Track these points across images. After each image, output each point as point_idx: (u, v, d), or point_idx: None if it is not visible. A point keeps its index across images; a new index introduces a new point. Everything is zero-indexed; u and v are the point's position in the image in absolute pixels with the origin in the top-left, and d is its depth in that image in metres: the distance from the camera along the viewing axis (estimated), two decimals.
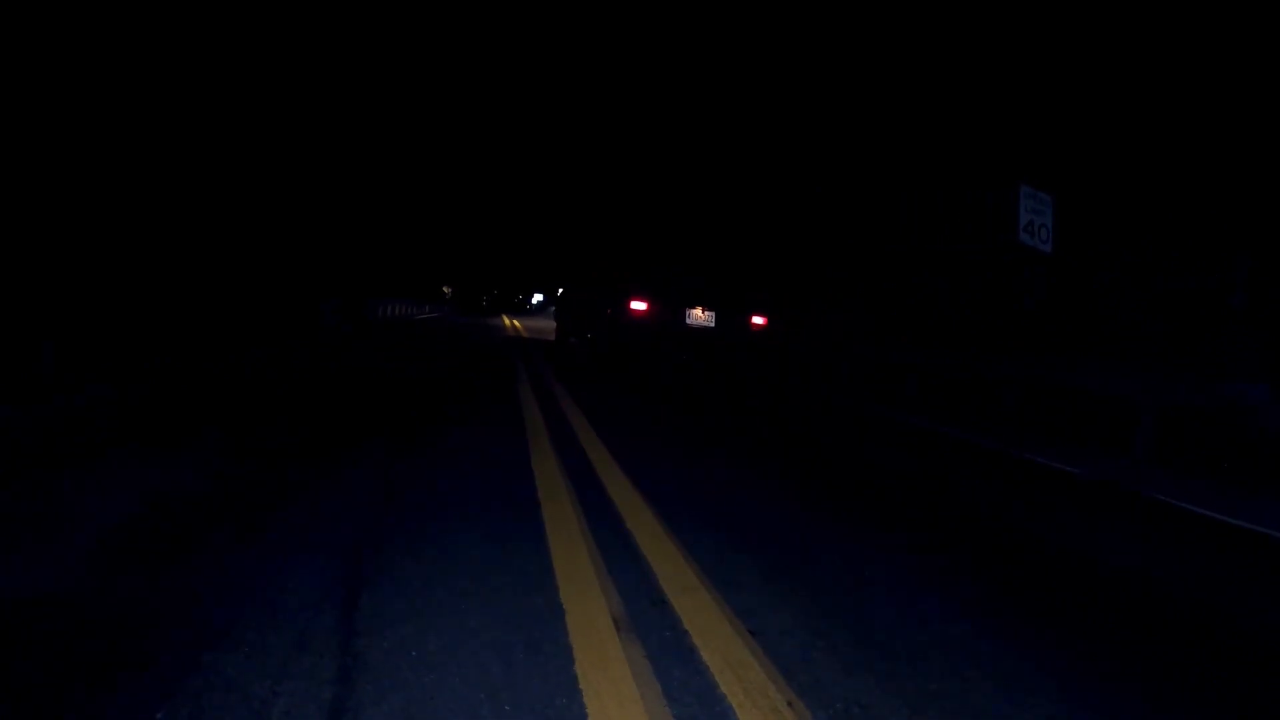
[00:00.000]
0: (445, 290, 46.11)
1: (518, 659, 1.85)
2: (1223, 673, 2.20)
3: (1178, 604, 2.73)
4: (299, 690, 1.64)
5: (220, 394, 5.69)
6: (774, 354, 12.82)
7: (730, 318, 11.14)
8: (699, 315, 10.84)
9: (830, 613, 2.29)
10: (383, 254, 27.01)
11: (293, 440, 4.20)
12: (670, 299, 10.69)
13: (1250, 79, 8.56)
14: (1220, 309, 8.54)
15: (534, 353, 12.57)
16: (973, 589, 2.65)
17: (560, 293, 16.17)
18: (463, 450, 4.29)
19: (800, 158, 18.47)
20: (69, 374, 5.67)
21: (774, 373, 11.99)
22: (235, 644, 1.83)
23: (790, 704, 1.73)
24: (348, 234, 21.58)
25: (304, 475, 3.49)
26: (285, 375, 7.04)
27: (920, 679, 1.92)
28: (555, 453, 4.32)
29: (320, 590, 2.17)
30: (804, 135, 18.15)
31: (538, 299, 64.41)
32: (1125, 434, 6.05)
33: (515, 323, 28.64)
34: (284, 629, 1.92)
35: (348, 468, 3.70)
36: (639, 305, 10.47)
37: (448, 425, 5.06)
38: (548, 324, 25.72)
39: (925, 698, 1.82)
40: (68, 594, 2.06)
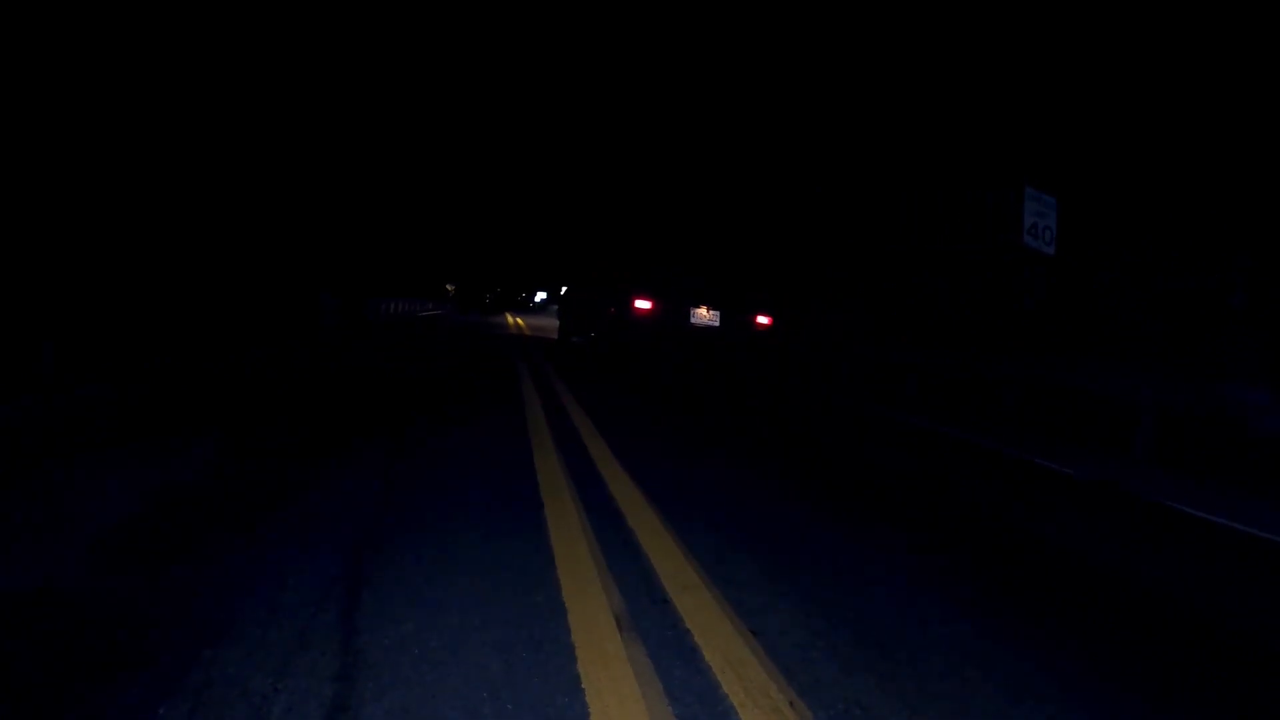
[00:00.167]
0: (449, 288, 45.96)
1: (519, 657, 1.85)
2: (1222, 674, 2.20)
3: (1177, 606, 2.74)
4: (300, 687, 1.64)
5: (220, 394, 5.68)
6: (774, 354, 12.81)
7: (735, 317, 11.10)
8: (704, 314, 10.78)
9: (830, 612, 2.29)
10: (385, 252, 26.99)
11: (293, 440, 4.20)
12: (675, 298, 10.63)
13: (1250, 79, 8.56)
14: (1220, 309, 8.54)
15: (537, 351, 12.56)
16: (973, 589, 2.65)
17: (564, 291, 16.13)
18: (464, 449, 4.28)
19: (800, 158, 18.47)
20: (69, 374, 5.66)
21: (774, 372, 11.98)
22: (236, 641, 1.83)
23: (791, 704, 1.73)
24: (349, 232, 21.56)
25: (305, 474, 3.48)
26: (285, 375, 7.03)
27: (920, 680, 1.92)
28: (557, 451, 4.32)
29: (321, 588, 2.17)
30: (804, 135, 18.15)
31: (541, 297, 64.27)
32: (1125, 434, 6.05)
33: (518, 320, 28.64)
34: (285, 626, 1.92)
35: (349, 466, 3.70)
36: (643, 304, 10.40)
37: (449, 424, 5.06)
38: (551, 322, 25.73)
39: (925, 699, 1.82)
40: (67, 591, 2.06)
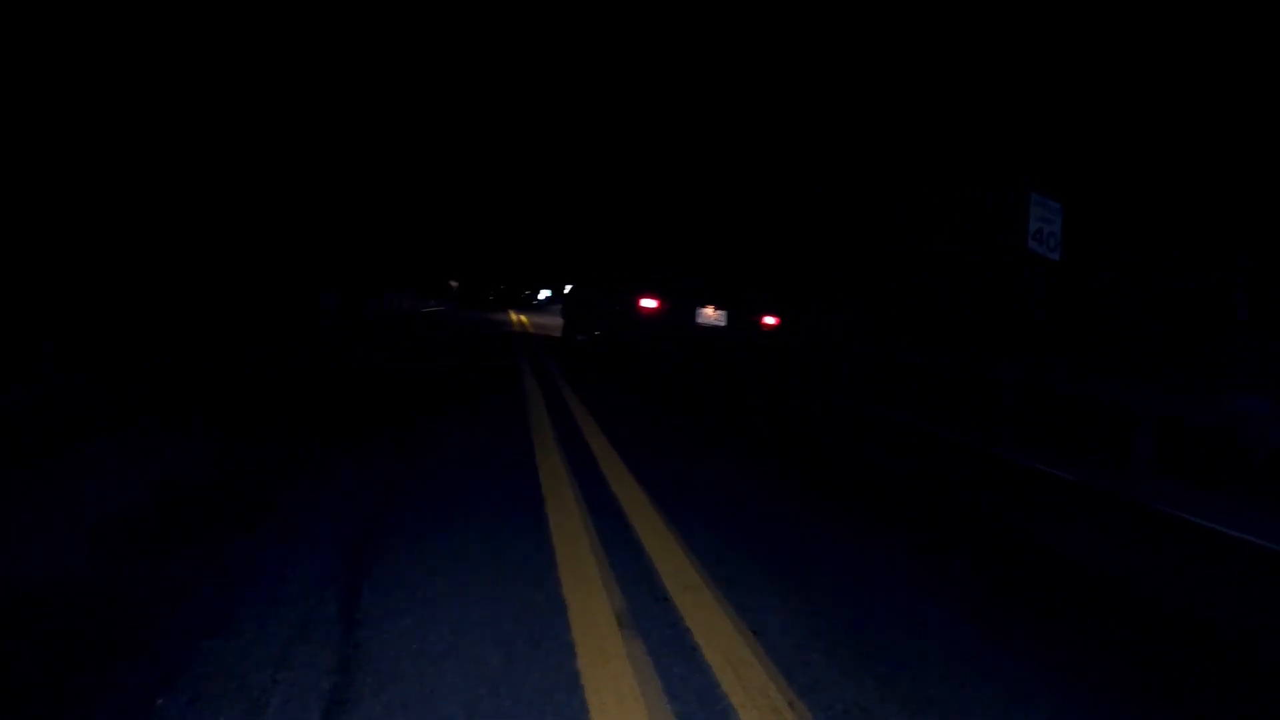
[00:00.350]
0: (452, 284, 45.77)
1: (519, 653, 1.84)
2: (1220, 680, 2.20)
3: (1176, 612, 2.74)
4: (299, 679, 1.64)
5: (220, 394, 5.66)
6: (775, 354, 12.82)
7: (742, 317, 11.04)
8: (710, 314, 10.71)
9: (830, 613, 2.28)
10: (389, 248, 26.91)
11: (294, 439, 4.19)
12: (681, 297, 10.57)
13: (1250, 79, 8.55)
14: (1220, 309, 8.54)
15: (540, 349, 12.54)
16: (972, 593, 2.65)
17: (568, 289, 16.12)
18: (466, 447, 4.28)
19: (800, 158, 18.46)
20: (69, 374, 5.64)
21: (775, 372, 11.98)
22: (235, 633, 1.82)
23: (791, 704, 1.72)
24: (352, 229, 21.50)
25: (306, 471, 3.48)
26: (285, 375, 7.01)
27: (920, 682, 1.91)
28: (560, 449, 4.32)
29: (321, 582, 2.16)
30: (804, 135, 18.14)
31: (545, 294, 64.01)
32: (1125, 436, 6.04)
33: (522, 318, 28.65)
34: (284, 619, 1.91)
35: (350, 464, 3.70)
36: (649, 303, 10.35)
37: (451, 423, 5.06)
38: (554, 320, 25.66)
39: (925, 701, 1.82)
40: (67, 581, 2.06)
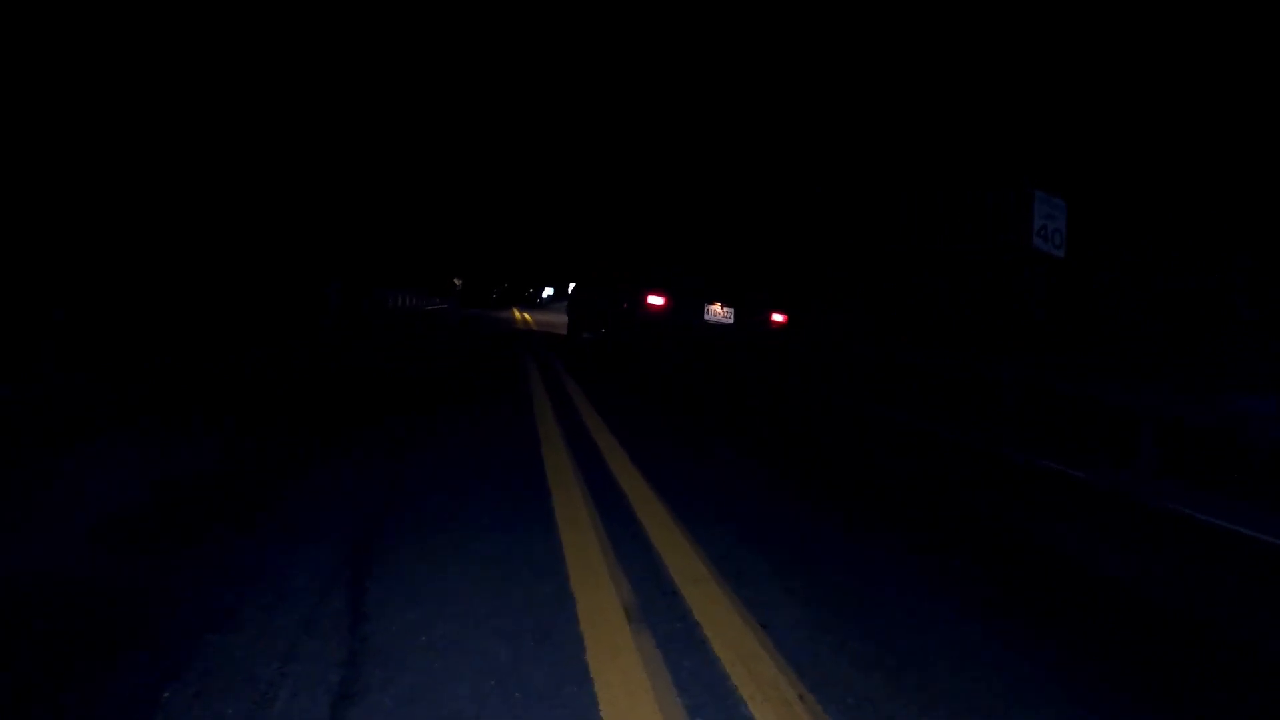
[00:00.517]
0: (456, 282, 45.63)
1: (527, 646, 1.83)
2: (1224, 677, 2.20)
3: (1178, 611, 2.73)
4: (306, 672, 1.62)
5: (221, 394, 5.63)
6: (775, 354, 12.82)
7: (750, 314, 11.00)
8: (718, 311, 10.66)
9: (837, 609, 2.27)
10: (392, 246, 26.85)
11: (295, 438, 4.17)
12: (688, 295, 10.52)
13: (1250, 79, 8.57)
14: (1221, 309, 8.55)
15: (545, 348, 12.52)
16: (974, 591, 2.64)
17: (573, 287, 16.12)
18: (470, 446, 4.28)
19: (800, 158, 18.46)
20: (69, 373, 5.61)
21: (775, 372, 11.99)
22: (242, 626, 1.81)
23: (801, 697, 1.71)
24: (355, 227, 21.44)
25: (308, 469, 3.47)
26: (285, 375, 6.98)
27: (928, 678, 1.90)
28: (566, 446, 4.32)
29: (328, 575, 2.15)
30: (804, 135, 18.14)
31: (548, 293, 63.90)
32: (1126, 436, 6.03)
33: (525, 316, 28.67)
34: (291, 612, 1.90)
35: (353, 460, 3.68)
36: (656, 300, 10.30)
37: (455, 422, 5.04)
38: (557, 318, 25.60)
39: (933, 696, 1.81)
40: (71, 576, 2.05)
